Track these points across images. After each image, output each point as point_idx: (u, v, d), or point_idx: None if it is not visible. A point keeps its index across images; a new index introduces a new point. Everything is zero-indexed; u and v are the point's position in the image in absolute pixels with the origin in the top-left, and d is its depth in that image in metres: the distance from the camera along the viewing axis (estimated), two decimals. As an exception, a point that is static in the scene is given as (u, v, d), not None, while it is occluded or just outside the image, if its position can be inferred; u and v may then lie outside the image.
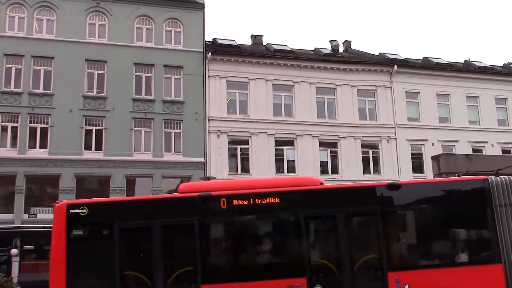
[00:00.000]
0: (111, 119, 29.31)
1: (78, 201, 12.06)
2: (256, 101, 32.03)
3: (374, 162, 33.51)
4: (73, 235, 11.20)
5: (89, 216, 11.29)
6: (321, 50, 36.36)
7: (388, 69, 34.85)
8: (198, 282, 11.21)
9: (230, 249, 12.26)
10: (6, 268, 26.03)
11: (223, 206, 11.66)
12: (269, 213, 12.04)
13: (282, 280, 11.37)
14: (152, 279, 11.22)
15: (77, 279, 10.91)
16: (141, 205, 12.30)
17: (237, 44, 34.35)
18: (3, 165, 27.07)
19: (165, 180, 29.67)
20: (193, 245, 11.52)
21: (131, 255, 11.80)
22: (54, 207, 11.47)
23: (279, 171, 31.62)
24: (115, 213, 11.81)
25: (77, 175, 28.27)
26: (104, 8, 30.71)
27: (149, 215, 11.74)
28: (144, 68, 30.79)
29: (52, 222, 11.31)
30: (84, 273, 11.11)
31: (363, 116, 34.05)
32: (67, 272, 10.84)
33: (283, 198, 11.96)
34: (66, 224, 11.16)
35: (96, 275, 11.21)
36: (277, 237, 12.33)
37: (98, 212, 11.66)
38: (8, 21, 29.33)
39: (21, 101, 28.42)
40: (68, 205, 11.38)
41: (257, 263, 12.04)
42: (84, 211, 11.30)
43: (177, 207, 12.03)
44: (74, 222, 11.21)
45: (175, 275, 11.33)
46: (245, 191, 11.97)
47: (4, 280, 15.07)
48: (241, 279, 11.46)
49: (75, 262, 10.95)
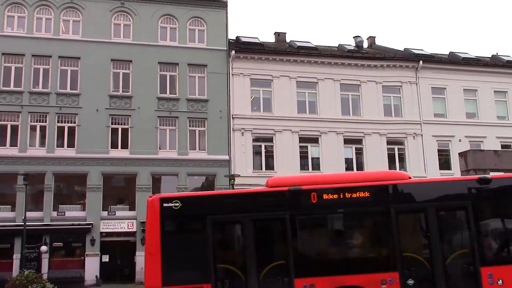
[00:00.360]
0: (136, 118, 29.65)
1: (170, 195, 12.34)
2: (280, 99, 32.02)
3: (400, 159, 33.16)
4: (166, 228, 11.45)
5: (181, 209, 11.53)
6: (345, 46, 36.14)
7: (413, 65, 34.45)
8: (291, 275, 11.33)
9: (322, 243, 12.28)
10: (36, 265, 26.53)
11: (313, 200, 11.83)
12: (359, 207, 12.08)
13: (374, 274, 11.46)
14: (245, 273, 11.37)
15: (172, 271, 11.16)
16: (232, 199, 12.55)
17: (261, 42, 34.37)
18: (33, 163, 27.63)
19: (190, 178, 29.91)
20: (285, 239, 11.70)
21: (223, 248, 12.00)
22: (147, 200, 11.74)
23: (304, 169, 31.56)
24: (207, 206, 12.01)
25: (104, 173, 28.68)
26: (129, 8, 31.05)
27: (240, 209, 11.94)
28: (168, 67, 31.05)
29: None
30: (179, 265, 11.31)
31: (388, 112, 33.74)
32: (162, 264, 11.08)
33: (374, 192, 12.05)
34: (160, 217, 11.39)
35: (191, 268, 11.41)
36: (368, 232, 12.41)
37: (190, 206, 11.90)
38: (35, 22, 29.88)
39: (49, 101, 28.95)
40: (162, 199, 11.64)
41: (349, 257, 12.11)
42: (177, 204, 11.54)
43: (268, 201, 12.18)
44: (167, 215, 11.46)
45: (267, 269, 11.47)
46: (335, 185, 12.08)
47: (34, 276, 15.45)
48: (334, 273, 11.52)
49: (169, 254, 11.20)
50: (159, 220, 11.39)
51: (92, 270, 27.39)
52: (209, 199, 12.78)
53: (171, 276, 11.07)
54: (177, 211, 11.50)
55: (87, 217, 27.96)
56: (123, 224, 28.47)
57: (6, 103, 28.38)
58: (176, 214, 11.56)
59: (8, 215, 27.29)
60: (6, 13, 29.50)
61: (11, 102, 28.46)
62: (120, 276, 28.24)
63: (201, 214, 11.68)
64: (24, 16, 29.71)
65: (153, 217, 11.42)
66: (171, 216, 11.51)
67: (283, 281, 11.32)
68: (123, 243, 28.50)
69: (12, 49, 29.00)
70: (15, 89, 28.70)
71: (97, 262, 27.65)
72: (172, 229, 11.71)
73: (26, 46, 29.07)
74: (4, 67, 28.91)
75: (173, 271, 11.17)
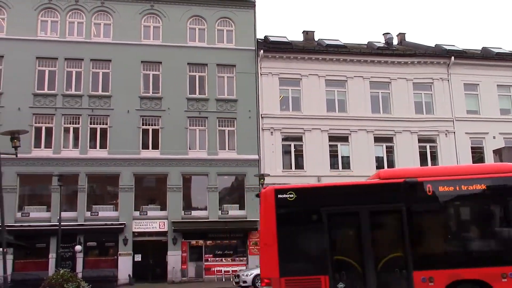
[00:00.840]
0: (166, 119, 29.95)
1: (285, 187, 12.48)
2: (309, 97, 31.88)
3: (432, 157, 32.64)
4: (282, 219, 11.55)
5: (296, 201, 11.64)
6: (375, 43, 35.73)
7: (445, 61, 33.84)
8: (409, 267, 11.32)
9: (439, 235, 12.18)
10: (71, 264, 27.08)
11: (429, 192, 11.80)
12: (476, 200, 11.99)
13: (494, 267, 11.31)
14: (362, 264, 11.42)
15: (289, 261, 11.26)
16: (347, 191, 12.52)
17: (289, 41, 34.27)
18: (66, 165, 28.22)
19: (220, 177, 30.06)
20: (401, 231, 11.68)
21: (339, 240, 12.07)
22: (260, 193, 11.90)
23: (333, 168, 31.36)
24: (322, 198, 12.08)
25: (135, 174, 29.09)
26: (158, 10, 31.39)
27: (354, 201, 11.97)
28: (197, 67, 31.27)
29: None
30: (295, 257, 11.43)
31: (420, 109, 33.24)
32: (279, 254, 11.20)
33: (491, 184, 11.91)
34: (276, 209, 11.52)
35: (307, 259, 11.53)
36: (487, 224, 12.21)
37: (305, 197, 12.00)
38: (68, 26, 30.47)
39: (82, 103, 29.50)
40: (276, 190, 11.76)
41: (467, 250, 11.96)
42: (292, 196, 11.66)
43: (383, 193, 12.17)
44: (282, 206, 11.57)
45: (384, 261, 11.49)
46: (451, 178, 11.99)
47: (70, 275, 15.74)
48: (452, 266, 11.44)
49: (286, 245, 11.32)
50: (275, 212, 11.48)
51: (125, 269, 27.81)
52: (324, 190, 12.79)
53: (288, 267, 11.18)
54: (292, 202, 11.60)
55: (120, 217, 28.40)
56: (154, 224, 28.80)
57: (40, 105, 29.04)
58: (291, 206, 11.64)
59: (44, 215, 27.94)
60: (40, 18, 30.17)
61: (45, 104, 29.11)
62: (152, 275, 28.60)
63: (316, 206, 11.75)
64: (57, 21, 30.33)
65: (268, 209, 11.53)
66: (286, 207, 11.60)
67: (401, 274, 11.30)
68: (155, 242, 28.84)
69: (45, 53, 29.65)
70: (49, 92, 29.34)
71: (129, 262, 28.07)
72: (287, 220, 11.74)
73: (59, 49, 29.68)
74: (38, 70, 29.58)
75: (290, 262, 11.25)
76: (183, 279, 28.26)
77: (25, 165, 27.52)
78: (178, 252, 28.65)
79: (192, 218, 29.26)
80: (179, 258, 28.66)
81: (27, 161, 27.50)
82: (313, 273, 11.26)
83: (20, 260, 27.33)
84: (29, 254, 27.40)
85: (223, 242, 29.88)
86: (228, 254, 29.68)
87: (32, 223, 27.47)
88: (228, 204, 30.31)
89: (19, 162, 26.44)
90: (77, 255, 27.65)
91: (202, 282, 28.22)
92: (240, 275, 24.77)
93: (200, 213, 29.64)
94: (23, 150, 22.92)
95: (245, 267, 28.56)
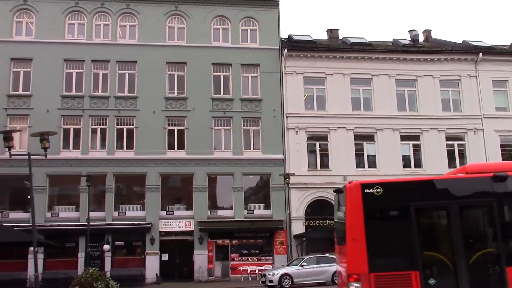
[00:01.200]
0: (191, 119, 30.13)
1: (371, 181, 12.28)
2: (333, 96, 31.69)
3: (460, 155, 32.13)
4: (369, 213, 11.40)
5: (383, 195, 11.46)
6: (400, 41, 35.29)
7: (472, 57, 33.26)
8: (502, 264, 11.05)
9: None
10: (99, 263, 27.46)
11: None
12: None
13: None
14: (453, 260, 11.20)
15: (378, 257, 11.08)
16: (436, 185, 12.19)
17: (313, 40, 34.09)
18: (94, 165, 28.62)
19: (245, 177, 30.11)
20: (493, 226, 11.44)
21: (429, 235, 11.85)
22: (345, 187, 11.76)
23: (359, 167, 31.12)
24: (410, 193, 11.87)
25: (161, 174, 29.34)
26: (182, 11, 31.58)
27: (443, 195, 11.74)
28: (221, 67, 31.38)
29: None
30: (384, 252, 11.23)
31: (447, 107, 32.75)
32: (367, 250, 11.04)
33: None
34: (363, 203, 11.36)
35: (396, 254, 11.29)
36: None
37: (392, 192, 11.77)
38: (94, 29, 30.90)
39: (108, 105, 29.88)
40: (363, 185, 11.59)
41: None
42: (379, 190, 11.48)
43: (472, 187, 11.88)
44: (369, 201, 11.40)
45: (475, 257, 11.25)
46: None
47: (99, 274, 15.91)
48: None
49: (374, 240, 11.16)
50: (362, 206, 11.30)
51: (152, 268, 28.08)
52: (413, 185, 12.56)
53: (377, 262, 10.99)
54: (379, 197, 11.41)
55: (146, 217, 28.69)
56: (181, 223, 29.01)
57: (68, 107, 29.52)
58: (378, 200, 11.45)
59: (73, 215, 28.41)
60: (67, 21, 30.66)
61: (73, 106, 29.57)
62: (178, 275, 28.82)
63: (404, 200, 11.54)
64: (84, 23, 30.78)
65: (355, 203, 11.38)
66: (373, 202, 11.40)
67: (493, 269, 11.01)
68: (181, 242, 29.06)
69: (73, 55, 30.13)
70: (76, 93, 29.80)
71: (157, 261, 28.34)
72: (375, 215, 11.58)
73: (86, 52, 30.13)
74: (66, 73, 30.07)
75: (378, 257, 11.06)
76: (209, 279, 28.40)
77: (54, 166, 28.01)
78: (204, 252, 28.81)
79: (218, 217, 29.38)
80: (206, 258, 28.81)
81: (56, 162, 27.98)
82: (403, 269, 11.03)
83: (50, 259, 27.82)
84: (59, 253, 27.83)
85: (249, 241, 29.92)
86: (254, 254, 29.71)
87: (61, 222, 27.95)
88: (253, 204, 30.34)
89: (49, 163, 26.83)
90: (105, 254, 28.04)
91: (228, 281, 28.31)
92: (267, 274, 24.77)
93: (225, 213, 29.74)
94: (52, 151, 23.31)
95: (271, 266, 28.56)
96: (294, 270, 24.56)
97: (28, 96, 29.37)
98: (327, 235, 30.28)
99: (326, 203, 30.41)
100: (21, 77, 29.74)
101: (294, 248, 29.31)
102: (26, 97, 29.38)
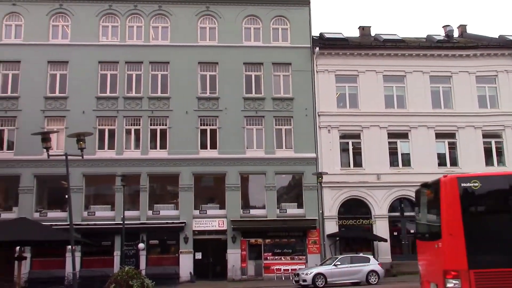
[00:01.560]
0: (224, 119, 30.26)
1: (468, 175, 12.21)
2: (366, 94, 31.34)
3: (498, 153, 31.33)
4: (467, 208, 11.21)
5: (481, 189, 11.30)
6: (434, 37, 34.64)
7: (510, 52, 32.40)
8: None
9: None
10: (135, 261, 27.77)
11: None
12: None
13: None
14: None
15: (477, 253, 10.87)
16: None
17: (345, 37, 33.80)
18: (129, 165, 29.06)
19: (278, 176, 30.06)
20: None
21: None
22: (440, 181, 11.55)
23: (393, 165, 30.71)
24: (510, 186, 11.63)
25: (194, 173, 29.57)
26: (213, 11, 31.74)
27: None
28: (253, 67, 31.39)
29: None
30: (484, 248, 10.96)
31: (483, 104, 31.97)
32: (466, 245, 10.81)
33: None
34: (460, 198, 11.18)
35: (497, 250, 10.98)
36: None
37: (490, 186, 11.64)
38: (128, 30, 31.34)
39: (142, 105, 30.28)
40: (459, 179, 11.45)
41: None
42: (476, 184, 11.32)
43: None
44: (467, 195, 11.25)
45: None
46: None
47: (134, 272, 16.10)
48: None
49: (472, 236, 10.93)
50: (459, 201, 11.10)
51: (186, 267, 28.34)
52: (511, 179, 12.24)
53: (477, 259, 10.73)
54: (476, 191, 11.25)
55: (180, 216, 28.96)
56: (214, 222, 29.19)
57: (103, 108, 30.04)
58: (476, 194, 11.29)
59: (108, 214, 28.89)
60: (101, 24, 31.19)
61: (108, 107, 30.08)
62: (212, 273, 29.01)
63: (504, 194, 11.39)
64: (117, 26, 31.26)
65: (451, 197, 11.17)
66: (470, 196, 11.24)
67: None
68: (214, 241, 29.24)
69: (107, 57, 30.65)
70: (111, 95, 30.30)
71: (190, 259, 28.59)
72: (473, 210, 11.40)
73: (119, 53, 30.60)
74: (101, 74, 30.61)
75: (478, 253, 10.81)
76: (243, 277, 28.48)
77: (90, 166, 28.60)
78: (237, 251, 28.91)
79: (250, 216, 29.44)
80: (239, 257, 28.90)
81: (92, 162, 28.54)
82: (506, 266, 10.70)
83: (87, 258, 28.36)
84: (96, 251, 28.36)
85: (281, 240, 29.87)
86: (287, 253, 29.65)
87: (97, 221, 28.47)
88: (286, 203, 30.28)
89: (85, 163, 27.54)
90: (140, 252, 28.41)
91: (261, 280, 28.33)
92: (300, 273, 24.67)
93: (258, 212, 29.77)
94: (88, 151, 23.81)
95: (304, 265, 28.45)
96: (327, 270, 24.40)
97: (64, 98, 30.02)
98: (361, 234, 30.16)
99: (359, 202, 30.18)
100: (58, 79, 30.41)
101: (327, 247, 29.12)
102: (62, 99, 30.03)
